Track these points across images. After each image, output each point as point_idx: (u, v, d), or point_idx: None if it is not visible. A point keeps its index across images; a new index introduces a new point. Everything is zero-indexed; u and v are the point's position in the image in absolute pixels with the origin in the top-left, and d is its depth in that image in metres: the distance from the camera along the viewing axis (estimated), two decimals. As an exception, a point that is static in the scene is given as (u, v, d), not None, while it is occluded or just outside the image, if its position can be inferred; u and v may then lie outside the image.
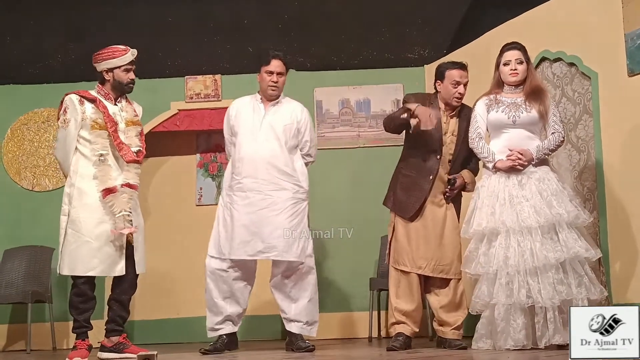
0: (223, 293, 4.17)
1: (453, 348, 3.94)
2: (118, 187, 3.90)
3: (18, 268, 5.56)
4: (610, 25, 4.27)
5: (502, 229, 3.74)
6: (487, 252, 3.78)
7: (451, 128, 4.11)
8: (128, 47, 4.03)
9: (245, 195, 4.14)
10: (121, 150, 3.90)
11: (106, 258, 3.86)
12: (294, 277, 4.18)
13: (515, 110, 3.87)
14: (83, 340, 3.91)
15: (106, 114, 3.93)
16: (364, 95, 5.87)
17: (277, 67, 4.27)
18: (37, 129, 6.06)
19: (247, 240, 4.08)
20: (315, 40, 5.88)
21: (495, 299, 3.71)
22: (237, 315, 4.23)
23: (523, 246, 3.68)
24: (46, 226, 5.78)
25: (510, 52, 3.94)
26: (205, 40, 5.85)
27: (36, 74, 6.01)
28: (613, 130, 4.25)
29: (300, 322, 4.19)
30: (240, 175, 4.16)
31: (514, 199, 3.76)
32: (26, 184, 6.01)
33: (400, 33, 5.79)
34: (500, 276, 3.70)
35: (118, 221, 3.86)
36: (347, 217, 5.76)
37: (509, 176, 3.82)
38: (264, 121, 4.22)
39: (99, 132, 3.91)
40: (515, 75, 3.92)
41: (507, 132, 3.88)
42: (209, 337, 4.26)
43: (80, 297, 3.89)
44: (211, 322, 4.22)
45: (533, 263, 3.63)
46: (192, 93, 6.04)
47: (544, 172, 3.81)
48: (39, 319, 5.49)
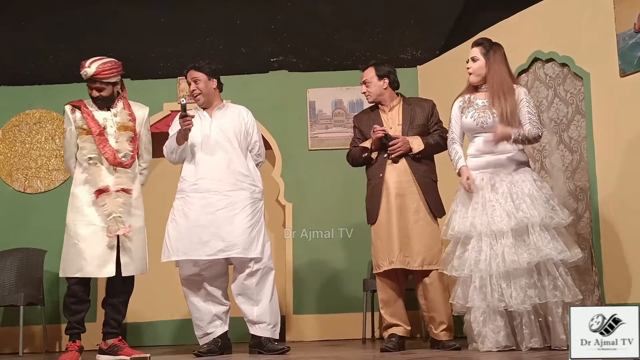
0: (202, 297, 4.22)
1: (447, 349, 3.94)
2: (111, 188, 3.93)
3: (10, 270, 5.53)
4: (602, 25, 4.28)
5: (473, 232, 3.72)
6: (462, 256, 3.77)
7: (393, 122, 4.17)
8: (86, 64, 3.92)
9: (202, 195, 4.18)
10: (104, 154, 3.95)
11: (93, 259, 3.87)
12: (254, 279, 4.20)
13: (483, 114, 3.82)
14: (74, 342, 3.93)
15: (90, 119, 3.98)
16: (357, 96, 5.86)
17: (190, 77, 4.33)
18: (28, 130, 6.03)
19: (206, 241, 4.11)
20: (308, 41, 5.88)
21: (470, 302, 3.70)
22: (223, 313, 4.26)
23: (495, 249, 3.66)
24: (38, 228, 5.76)
25: (470, 51, 3.89)
26: (197, 42, 5.83)
27: (27, 76, 5.99)
28: (605, 130, 4.26)
29: (264, 322, 4.20)
30: (196, 176, 4.20)
31: (487, 203, 3.73)
32: (18, 185, 5.98)
33: (393, 34, 5.80)
34: (474, 279, 3.69)
35: (111, 224, 3.88)
36: (341, 218, 5.76)
37: (483, 179, 3.79)
38: (212, 126, 4.29)
39: (86, 138, 3.99)
40: (470, 74, 3.88)
41: (480, 136, 3.85)
42: (202, 343, 4.25)
43: (73, 298, 3.92)
44: (200, 328, 4.23)
45: (504, 267, 3.61)
46: (184, 94, 6.02)
47: (519, 174, 3.76)
48: (31, 322, 5.47)
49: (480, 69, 3.84)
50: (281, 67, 6.06)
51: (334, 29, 5.81)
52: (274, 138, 5.97)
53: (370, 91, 4.22)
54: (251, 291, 4.19)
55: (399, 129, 4.14)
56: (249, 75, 6.04)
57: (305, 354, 4.05)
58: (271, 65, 6.06)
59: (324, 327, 5.70)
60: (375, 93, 4.22)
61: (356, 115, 4.45)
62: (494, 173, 3.79)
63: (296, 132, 5.97)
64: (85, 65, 3.94)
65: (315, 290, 5.77)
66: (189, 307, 4.28)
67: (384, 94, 4.22)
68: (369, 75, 4.22)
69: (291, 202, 5.91)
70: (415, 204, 4.04)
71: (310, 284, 5.77)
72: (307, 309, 5.73)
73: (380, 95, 4.22)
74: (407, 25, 5.75)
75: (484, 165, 3.83)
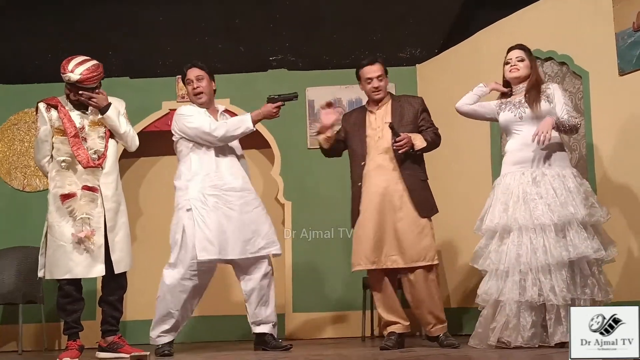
0: (179, 304, 4.13)
1: (444, 346, 3.94)
2: (77, 192, 3.90)
3: (9, 268, 5.52)
4: (601, 24, 4.29)
5: (514, 226, 3.73)
6: (499, 249, 3.77)
7: (382, 120, 4.12)
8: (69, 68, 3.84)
9: (241, 195, 4.17)
10: (77, 157, 3.89)
11: (82, 260, 3.86)
12: (267, 280, 4.22)
13: (520, 107, 3.87)
14: (74, 341, 3.93)
15: (65, 119, 3.92)
16: (356, 94, 5.86)
17: (193, 74, 4.26)
18: (27, 129, 6.02)
19: (249, 238, 4.12)
20: (307, 39, 5.89)
21: (506, 296, 3.70)
22: (182, 322, 4.26)
23: (535, 243, 3.67)
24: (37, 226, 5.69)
25: (511, 52, 3.96)
26: (196, 40, 5.84)
27: (26, 74, 5.98)
28: (604, 128, 4.27)
29: (270, 322, 4.22)
30: (224, 176, 4.16)
31: (527, 196, 3.73)
32: (17, 184, 5.98)
33: (392, 32, 5.81)
34: (512, 273, 3.69)
35: (77, 225, 3.87)
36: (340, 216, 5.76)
37: (524, 173, 3.80)
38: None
39: (61, 139, 3.93)
40: (516, 70, 3.92)
41: (518, 131, 3.87)
42: (151, 343, 4.24)
43: (67, 298, 3.92)
44: (159, 329, 4.18)
45: (546, 260, 3.61)
46: (183, 92, 6.00)
47: (560, 168, 3.78)
48: (30, 320, 5.46)
49: (527, 68, 3.91)
50: (280, 66, 6.06)
51: (333, 28, 5.81)
52: (273, 136, 5.97)
53: (383, 86, 4.16)
54: (264, 291, 4.20)
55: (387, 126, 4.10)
56: (248, 74, 6.03)
57: (305, 352, 4.06)
58: (270, 64, 6.06)
59: (323, 325, 5.71)
60: (386, 89, 4.19)
61: (345, 113, 4.45)
62: (534, 167, 3.80)
63: (295, 130, 5.97)
64: (67, 69, 3.84)
65: (314, 288, 5.78)
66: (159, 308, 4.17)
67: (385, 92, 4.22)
68: (381, 70, 4.16)
69: (290, 201, 5.91)
70: (399, 202, 4.01)
71: (309, 282, 5.77)
72: (306, 307, 5.74)
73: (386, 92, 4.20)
74: (406, 23, 5.75)
75: (524, 159, 3.82)
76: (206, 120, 4.16)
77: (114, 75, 5.55)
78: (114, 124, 3.99)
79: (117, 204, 4.01)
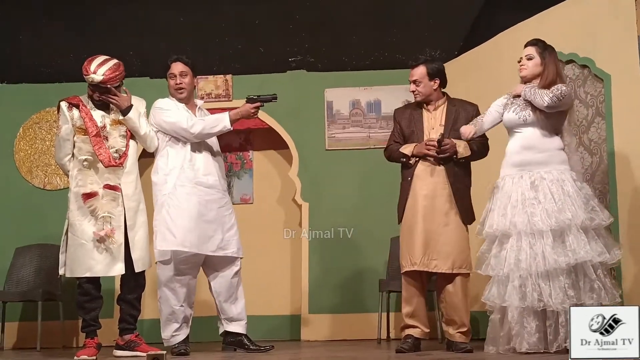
0: (181, 300, 4.16)
1: (459, 351, 3.92)
2: (99, 190, 3.93)
3: (29, 266, 5.60)
4: (623, 27, 4.24)
5: (513, 231, 3.71)
6: (498, 254, 3.75)
7: (435, 122, 4.10)
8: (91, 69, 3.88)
9: (208, 191, 4.19)
10: (99, 156, 3.93)
11: (102, 259, 3.89)
12: (237, 278, 4.28)
13: (526, 110, 3.82)
14: (92, 339, 3.97)
15: (87, 118, 3.95)
16: (374, 96, 5.87)
17: (177, 69, 4.27)
18: (49, 127, 6.09)
19: (211, 235, 4.15)
20: (326, 41, 5.89)
21: (507, 302, 3.68)
22: (190, 316, 4.29)
23: (535, 249, 3.64)
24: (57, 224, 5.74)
25: (524, 49, 3.90)
26: (216, 41, 5.86)
27: (48, 74, 6.05)
28: (626, 132, 4.22)
29: (243, 320, 4.26)
30: (199, 171, 4.18)
31: (526, 201, 3.71)
32: (37, 182, 6.04)
33: (411, 34, 5.79)
34: (512, 279, 3.67)
35: (98, 223, 3.90)
36: (357, 218, 5.76)
37: (522, 176, 3.78)
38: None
39: (83, 138, 3.97)
40: (524, 69, 3.87)
41: (521, 132, 3.84)
42: (166, 345, 4.25)
43: (85, 296, 3.96)
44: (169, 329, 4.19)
45: (545, 266, 3.59)
46: (203, 93, 6.05)
47: (559, 172, 3.75)
48: (49, 317, 5.51)
49: (536, 66, 3.84)
50: (299, 67, 6.07)
51: (352, 29, 5.80)
52: (291, 137, 5.98)
53: (420, 91, 4.10)
54: (233, 289, 4.26)
55: (441, 129, 4.05)
56: (266, 75, 6.05)
57: (320, 354, 4.06)
58: (289, 65, 6.07)
59: (339, 326, 5.70)
60: (425, 93, 4.11)
61: (398, 109, 4.34)
62: (533, 171, 3.76)
63: (313, 131, 5.98)
64: (90, 70, 3.88)
65: (331, 290, 5.77)
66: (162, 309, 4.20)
67: (433, 94, 4.12)
68: (420, 74, 4.09)
69: (308, 202, 5.91)
70: (445, 206, 3.99)
71: (326, 283, 5.77)
72: (322, 308, 5.73)
73: (429, 96, 4.12)
74: (425, 25, 5.73)
75: (523, 162, 3.79)
76: (184, 116, 4.17)
77: (135, 76, 5.59)
78: (134, 126, 4.02)
79: (137, 203, 4.04)
